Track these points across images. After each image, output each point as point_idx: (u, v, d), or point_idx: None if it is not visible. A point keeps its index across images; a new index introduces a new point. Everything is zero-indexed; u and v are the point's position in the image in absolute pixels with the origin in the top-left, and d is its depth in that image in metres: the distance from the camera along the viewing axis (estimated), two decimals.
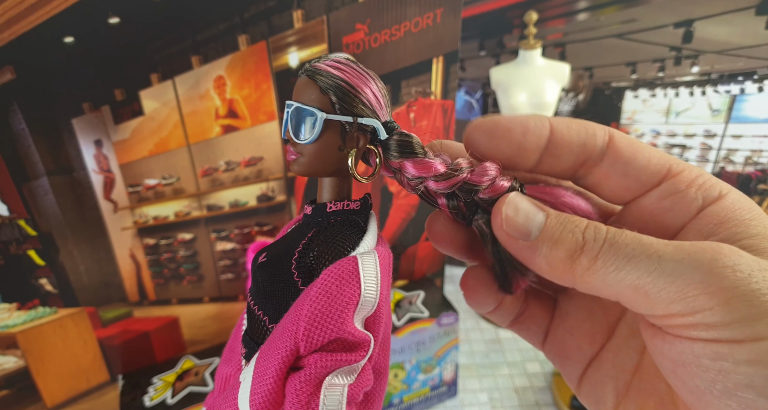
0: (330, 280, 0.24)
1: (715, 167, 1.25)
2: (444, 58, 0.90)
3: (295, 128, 0.27)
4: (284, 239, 0.30)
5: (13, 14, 0.60)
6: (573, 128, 0.28)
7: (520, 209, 0.26)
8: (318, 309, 0.23)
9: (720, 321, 0.20)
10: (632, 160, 0.27)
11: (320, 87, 0.26)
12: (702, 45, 1.16)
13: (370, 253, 0.26)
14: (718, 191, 0.26)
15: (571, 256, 0.24)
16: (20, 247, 0.71)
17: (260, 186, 0.87)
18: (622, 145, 0.28)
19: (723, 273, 0.21)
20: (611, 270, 0.23)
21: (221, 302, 0.94)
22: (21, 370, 0.77)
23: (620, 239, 0.23)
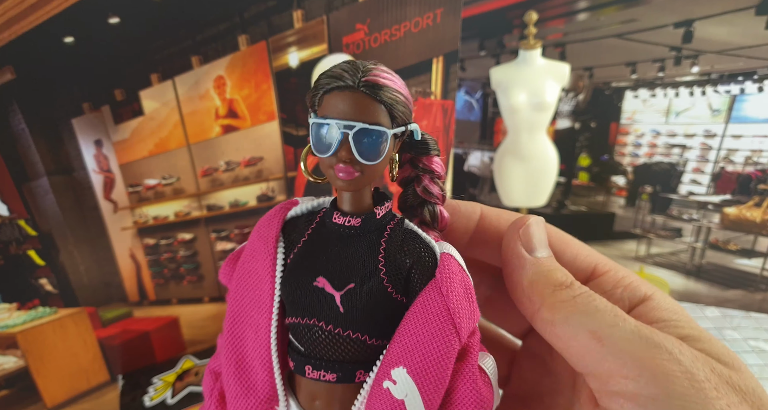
0: (455, 281, 0.27)
1: (715, 167, 1.25)
2: (444, 58, 0.90)
3: (362, 149, 0.26)
4: (340, 257, 0.28)
5: (13, 14, 0.60)
6: (504, 217, 0.32)
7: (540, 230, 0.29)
8: (463, 306, 0.27)
9: (658, 392, 0.22)
10: (561, 253, 0.30)
11: (383, 103, 0.26)
12: (702, 45, 1.16)
13: (445, 245, 0.29)
14: (642, 292, 0.28)
15: (554, 287, 0.27)
16: (20, 247, 0.71)
17: (260, 186, 0.87)
18: (552, 240, 0.31)
19: (670, 349, 0.23)
20: (581, 310, 0.25)
21: (221, 302, 0.94)
22: (21, 370, 0.76)
23: (596, 296, 0.26)
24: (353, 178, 0.27)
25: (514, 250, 0.28)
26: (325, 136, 0.26)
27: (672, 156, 1.29)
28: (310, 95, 0.28)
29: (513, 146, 1.22)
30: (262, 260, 0.29)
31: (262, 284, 0.29)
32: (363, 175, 0.27)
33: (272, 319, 0.29)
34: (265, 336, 0.29)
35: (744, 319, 1.26)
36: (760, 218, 1.21)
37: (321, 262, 0.29)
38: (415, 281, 0.28)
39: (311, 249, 0.29)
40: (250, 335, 0.29)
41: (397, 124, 0.27)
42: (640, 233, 1.36)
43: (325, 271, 0.28)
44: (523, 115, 1.17)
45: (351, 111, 0.26)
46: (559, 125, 1.38)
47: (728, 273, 1.28)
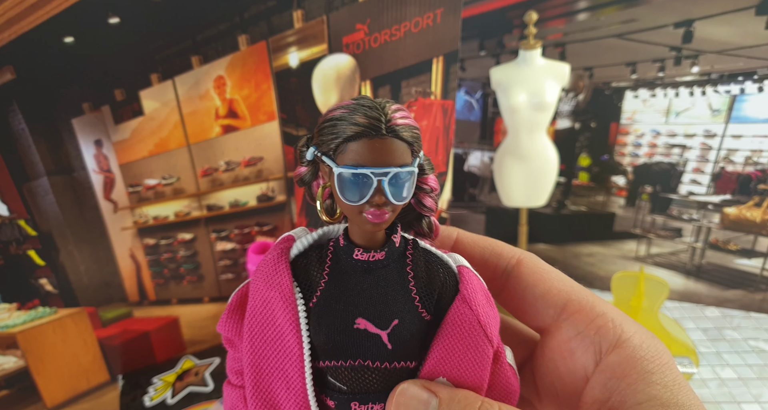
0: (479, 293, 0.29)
1: (715, 167, 1.25)
2: (444, 58, 0.90)
3: (396, 192, 0.27)
4: (373, 294, 0.28)
5: (13, 14, 0.60)
6: (479, 244, 0.31)
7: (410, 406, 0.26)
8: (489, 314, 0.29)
9: None
10: (531, 287, 0.30)
11: (406, 142, 0.27)
12: (702, 45, 1.16)
13: (455, 256, 0.30)
14: (617, 336, 0.27)
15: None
16: (20, 247, 0.71)
17: (260, 186, 0.87)
18: (526, 272, 0.30)
19: None
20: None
21: (221, 302, 0.94)
22: (21, 370, 0.76)
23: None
24: (384, 220, 0.27)
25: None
26: (357, 184, 0.26)
27: (672, 156, 1.29)
28: (328, 141, 0.27)
29: (513, 146, 1.23)
30: (282, 310, 0.28)
31: (286, 334, 0.28)
32: (392, 214, 0.28)
33: (305, 369, 0.28)
34: (300, 386, 0.28)
35: (744, 319, 1.26)
36: (760, 218, 1.20)
37: (354, 303, 0.28)
38: (443, 299, 0.29)
39: (337, 291, 0.28)
40: (281, 386, 0.29)
41: (415, 156, 0.28)
42: (640, 233, 1.36)
43: (362, 312, 0.28)
44: (523, 115, 1.17)
45: (383, 158, 0.26)
46: (559, 125, 1.38)
47: (728, 273, 1.28)
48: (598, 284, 1.43)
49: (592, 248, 1.42)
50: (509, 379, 0.30)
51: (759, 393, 1.02)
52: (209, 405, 0.81)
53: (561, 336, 0.28)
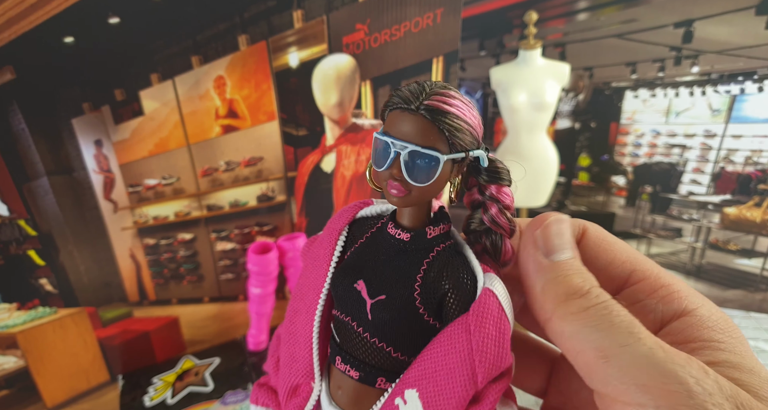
0: (488, 322, 0.26)
1: (715, 167, 1.25)
2: (444, 58, 0.90)
3: (412, 171, 0.26)
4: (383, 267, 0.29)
5: (13, 14, 0.60)
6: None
7: (561, 231, 0.27)
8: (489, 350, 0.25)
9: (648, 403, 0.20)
10: (595, 258, 0.28)
11: (439, 128, 0.26)
12: (702, 45, 1.16)
13: (493, 278, 0.28)
14: (683, 305, 0.25)
15: (567, 295, 0.24)
16: (20, 247, 0.71)
17: (260, 186, 0.87)
18: (590, 242, 0.28)
19: (684, 379, 0.20)
20: (592, 324, 0.22)
21: (221, 302, 0.94)
22: (21, 370, 0.76)
23: (616, 307, 0.23)
24: (403, 195, 0.27)
25: (529, 253, 0.27)
26: (382, 151, 0.27)
27: (672, 156, 1.29)
28: (381, 109, 0.29)
29: (513, 146, 1.23)
30: (324, 249, 0.32)
31: (320, 270, 0.31)
32: (411, 194, 0.27)
33: (318, 305, 0.31)
34: (310, 317, 0.31)
35: (744, 319, 1.26)
36: (760, 218, 1.20)
37: (366, 266, 0.30)
38: (449, 308, 0.28)
39: (364, 251, 0.31)
40: (302, 312, 0.32)
41: (456, 150, 0.27)
42: (640, 233, 1.36)
43: (366, 276, 0.29)
44: (523, 115, 1.17)
45: (408, 132, 0.26)
46: (559, 125, 1.38)
47: (728, 273, 1.28)
48: None
49: None
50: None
51: None
52: (209, 405, 0.81)
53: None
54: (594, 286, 0.24)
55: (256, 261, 0.83)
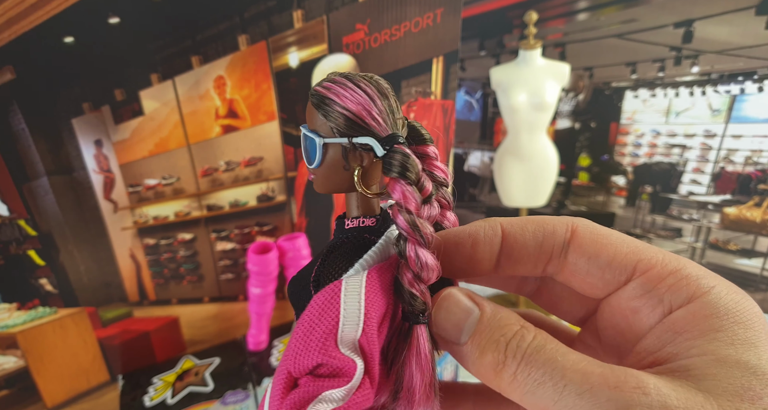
0: (312, 309, 0.25)
1: (715, 167, 1.25)
2: (444, 58, 0.90)
3: (305, 153, 0.28)
4: (316, 256, 0.30)
5: (13, 14, 0.60)
6: (528, 229, 0.28)
7: (451, 311, 0.26)
8: (302, 337, 0.25)
9: None
10: (594, 257, 0.26)
11: (320, 113, 0.27)
12: (702, 45, 1.16)
13: (358, 275, 0.26)
14: (691, 292, 0.24)
15: (495, 369, 0.24)
16: (20, 247, 0.71)
17: (260, 186, 0.87)
18: (585, 240, 0.27)
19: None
20: (525, 392, 0.22)
21: (221, 302, 0.94)
22: (21, 370, 0.76)
23: (536, 358, 0.23)
24: (312, 179, 0.29)
25: (447, 350, 0.26)
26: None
27: (672, 156, 1.30)
28: None
29: (513, 146, 1.23)
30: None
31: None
32: (317, 178, 0.29)
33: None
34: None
35: None
36: (760, 218, 1.20)
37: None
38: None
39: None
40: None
41: (341, 134, 0.27)
42: (640, 233, 1.36)
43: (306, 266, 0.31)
44: (523, 115, 1.17)
45: (305, 118, 0.29)
46: (559, 125, 1.38)
47: (728, 273, 1.28)
48: None
49: None
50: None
51: None
52: (209, 405, 0.81)
53: (625, 295, 0.26)
54: (506, 338, 0.24)
55: (256, 261, 0.83)
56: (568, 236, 0.27)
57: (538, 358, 0.23)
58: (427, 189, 0.27)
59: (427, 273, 0.26)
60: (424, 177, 0.27)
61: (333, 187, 0.29)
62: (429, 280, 0.26)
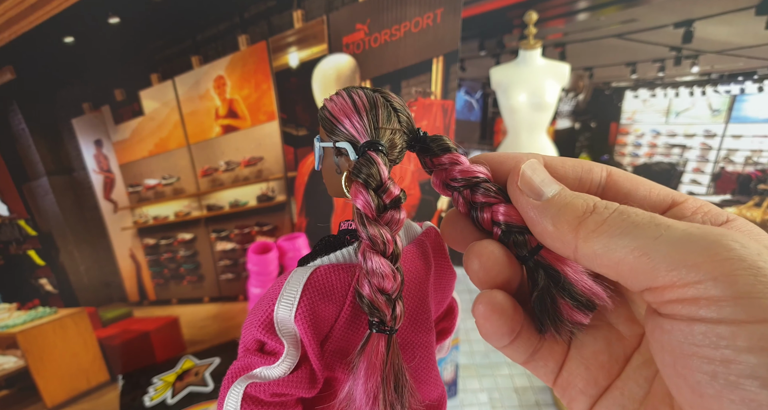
0: (266, 291, 0.28)
1: (715, 167, 1.25)
2: (444, 58, 0.90)
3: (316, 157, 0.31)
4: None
5: (13, 14, 0.60)
6: (568, 164, 0.29)
7: (537, 171, 0.27)
8: (249, 314, 0.28)
9: (721, 294, 0.19)
10: (633, 192, 0.27)
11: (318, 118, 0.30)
12: (702, 45, 1.16)
13: (305, 269, 0.28)
14: (724, 217, 0.25)
15: (579, 218, 0.24)
16: (20, 247, 0.71)
17: (260, 186, 0.87)
18: (621, 179, 0.28)
19: (730, 245, 0.20)
20: (617, 233, 0.22)
21: (221, 302, 0.94)
22: (21, 370, 0.76)
23: (630, 209, 0.23)
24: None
25: (522, 204, 0.27)
26: None
27: (672, 156, 1.29)
28: None
29: (513, 146, 1.22)
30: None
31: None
32: (324, 181, 0.31)
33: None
34: None
35: None
36: (760, 218, 1.20)
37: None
38: None
39: None
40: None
41: (329, 139, 0.30)
42: None
43: None
44: (523, 115, 1.17)
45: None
46: (559, 125, 1.38)
47: None
48: None
49: None
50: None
51: None
52: (209, 405, 0.81)
53: None
54: (597, 200, 0.25)
55: (256, 261, 0.83)
56: (603, 175, 0.28)
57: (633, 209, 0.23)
58: (392, 193, 0.27)
59: (377, 279, 0.26)
60: (389, 183, 0.27)
61: (333, 190, 0.30)
62: (382, 286, 0.26)
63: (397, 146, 0.29)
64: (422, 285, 0.30)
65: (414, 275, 0.30)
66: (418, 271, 0.30)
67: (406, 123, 0.29)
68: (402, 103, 0.30)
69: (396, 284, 0.26)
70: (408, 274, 0.30)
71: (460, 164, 0.29)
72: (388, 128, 0.28)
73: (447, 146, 0.30)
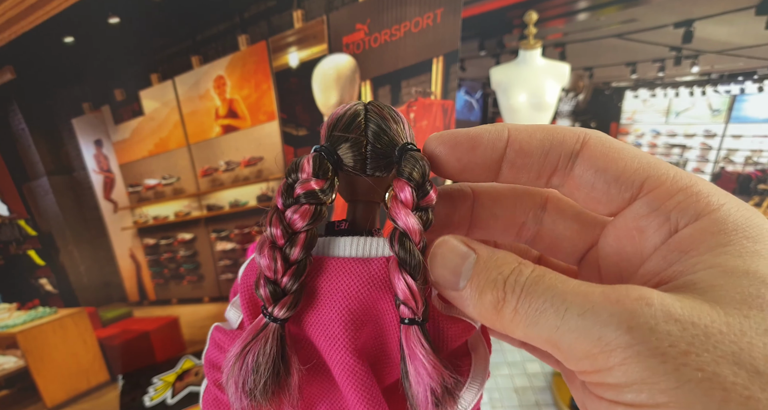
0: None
1: (715, 167, 1.25)
2: (444, 58, 0.90)
3: None
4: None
5: (13, 14, 0.60)
6: (536, 136, 0.26)
7: (446, 257, 0.25)
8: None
9: (622, 381, 0.19)
10: (602, 171, 0.25)
11: None
12: (702, 45, 1.16)
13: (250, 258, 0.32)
14: (700, 209, 0.23)
15: (496, 307, 0.23)
16: (20, 247, 0.71)
17: (260, 186, 0.87)
18: (595, 153, 0.25)
19: (620, 330, 0.19)
20: (528, 324, 0.22)
21: (221, 302, 0.94)
22: (21, 370, 0.76)
23: (535, 289, 0.22)
24: None
25: (448, 298, 0.25)
26: None
27: (672, 156, 1.30)
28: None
29: None
30: None
31: None
32: None
33: None
34: None
35: None
36: None
37: None
38: None
39: None
40: None
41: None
42: None
43: None
44: (523, 115, 1.17)
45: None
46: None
47: None
48: None
49: None
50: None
51: None
52: None
53: (631, 215, 0.24)
54: (503, 276, 0.23)
55: None
56: (577, 147, 0.26)
57: (537, 288, 0.22)
58: (296, 192, 0.27)
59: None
60: (306, 178, 0.27)
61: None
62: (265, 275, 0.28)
63: (350, 151, 0.27)
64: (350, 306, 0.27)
65: (332, 292, 0.27)
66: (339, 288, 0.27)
67: (376, 134, 0.27)
68: (389, 116, 0.28)
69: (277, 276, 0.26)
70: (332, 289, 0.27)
71: (398, 207, 0.26)
72: (341, 136, 0.28)
73: (408, 174, 0.26)
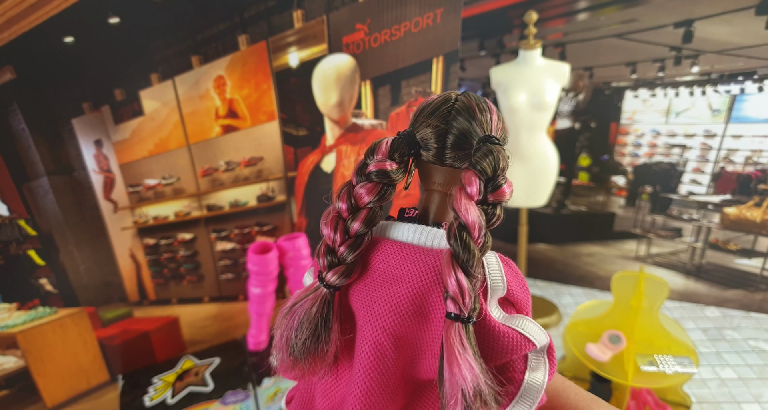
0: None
1: (715, 167, 1.25)
2: (444, 58, 0.90)
3: None
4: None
5: (13, 14, 0.60)
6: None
7: None
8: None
9: None
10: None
11: None
12: (702, 45, 1.16)
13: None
14: None
15: None
16: (20, 247, 0.71)
17: (260, 186, 0.87)
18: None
19: None
20: None
21: (221, 302, 0.94)
22: (21, 370, 0.76)
23: None
24: None
25: None
26: None
27: (672, 156, 1.29)
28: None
29: (513, 146, 1.22)
30: None
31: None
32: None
33: None
34: None
35: (744, 319, 1.26)
36: (760, 218, 1.20)
37: None
38: None
39: None
40: None
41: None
42: (640, 233, 1.36)
43: None
44: (523, 115, 1.17)
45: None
46: (559, 125, 1.38)
47: (728, 273, 1.28)
48: (598, 284, 1.43)
49: (592, 248, 1.42)
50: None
51: (759, 393, 1.02)
52: (209, 405, 0.81)
53: None
54: None
55: (256, 261, 0.83)
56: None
57: None
58: (368, 169, 0.30)
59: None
60: (377, 159, 0.30)
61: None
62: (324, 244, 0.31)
63: (430, 139, 0.30)
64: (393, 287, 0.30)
65: (386, 273, 0.30)
66: (393, 271, 0.30)
67: (459, 123, 0.29)
68: (477, 107, 0.29)
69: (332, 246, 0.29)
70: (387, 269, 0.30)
71: (461, 199, 0.27)
72: (424, 122, 0.30)
73: (480, 166, 0.27)
